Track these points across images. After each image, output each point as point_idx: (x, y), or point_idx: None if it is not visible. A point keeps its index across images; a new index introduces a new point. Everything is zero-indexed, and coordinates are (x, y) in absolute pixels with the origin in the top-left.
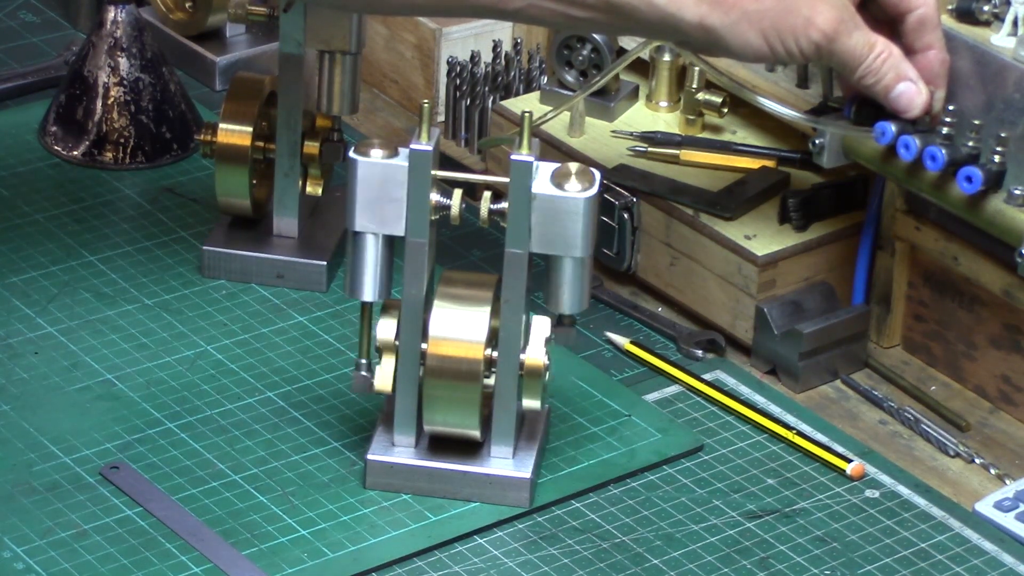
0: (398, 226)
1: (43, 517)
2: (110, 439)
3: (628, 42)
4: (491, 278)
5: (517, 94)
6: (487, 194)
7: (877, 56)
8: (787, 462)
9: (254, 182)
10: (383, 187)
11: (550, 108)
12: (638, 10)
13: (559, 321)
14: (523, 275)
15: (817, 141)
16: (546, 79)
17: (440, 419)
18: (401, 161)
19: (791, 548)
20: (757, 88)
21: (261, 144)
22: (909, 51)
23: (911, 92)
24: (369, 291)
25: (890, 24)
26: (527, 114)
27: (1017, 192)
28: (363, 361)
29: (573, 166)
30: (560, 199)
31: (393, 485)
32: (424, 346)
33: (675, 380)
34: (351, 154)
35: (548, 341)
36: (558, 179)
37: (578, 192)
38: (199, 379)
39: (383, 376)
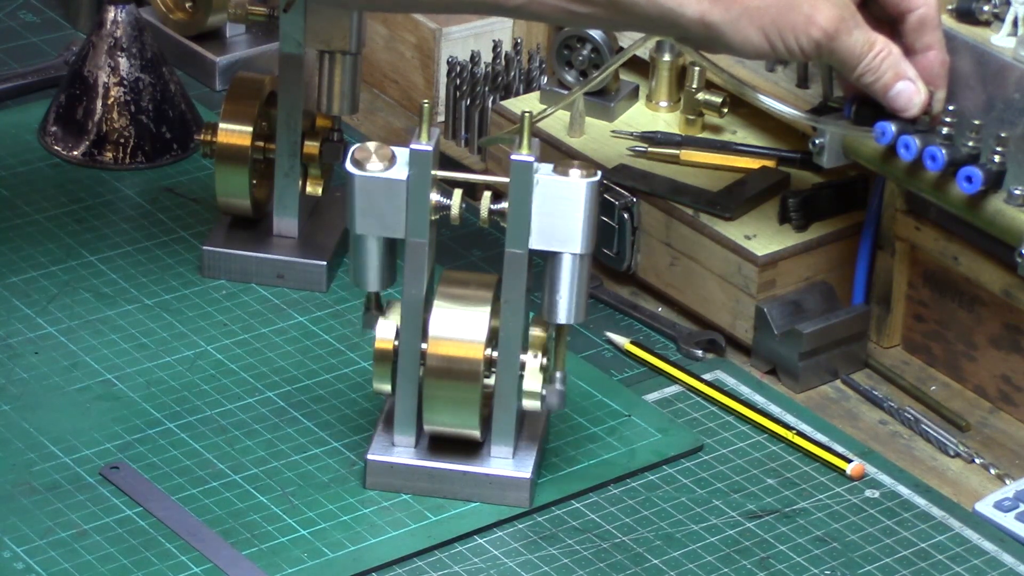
0: (399, 230)
1: (43, 517)
2: (110, 439)
3: (628, 41)
4: (491, 278)
5: (517, 94)
6: (487, 194)
7: (876, 55)
8: (787, 462)
9: (254, 182)
10: (382, 198)
11: (545, 107)
12: (638, 5)
13: (550, 379)
14: (523, 275)
15: (817, 141)
16: (546, 79)
17: (440, 419)
18: (399, 174)
19: (791, 548)
20: (757, 88)
21: (261, 144)
22: (909, 51)
23: (910, 91)
24: (374, 282)
25: (890, 24)
26: (527, 114)
27: (1017, 192)
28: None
29: (575, 161)
30: (562, 183)
31: (393, 485)
32: (424, 346)
33: (675, 380)
34: (347, 166)
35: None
36: (561, 168)
37: (581, 178)
38: (199, 379)
39: (388, 324)
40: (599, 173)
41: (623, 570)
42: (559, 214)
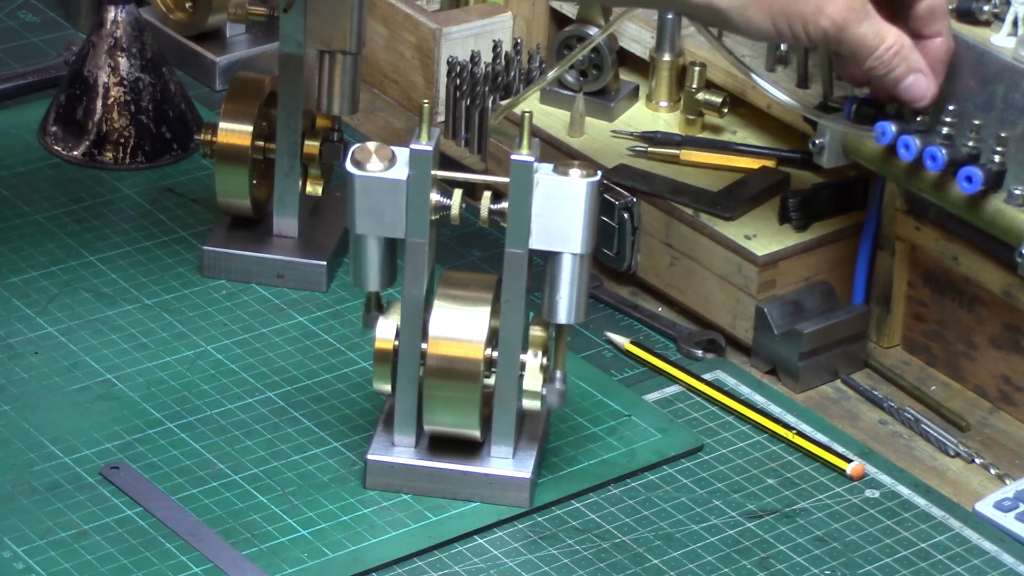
0: (399, 230)
1: (43, 517)
2: (110, 439)
3: (628, 42)
4: (491, 278)
5: (517, 94)
6: (487, 194)
7: (888, 48)
8: (787, 462)
9: (254, 182)
10: (382, 198)
11: (517, 105)
12: None
13: (550, 379)
14: (523, 275)
15: (817, 141)
16: None
17: (440, 419)
18: (399, 174)
19: (791, 548)
20: (758, 88)
21: (261, 144)
22: (915, 36)
23: (921, 84)
24: (374, 282)
25: (894, 7)
26: (527, 114)
27: (1017, 192)
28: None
29: (575, 161)
30: (563, 183)
31: (393, 485)
32: (424, 346)
33: (675, 380)
34: (347, 166)
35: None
36: (561, 168)
37: (580, 177)
38: (199, 379)
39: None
40: (599, 173)
41: (623, 570)
42: (559, 214)
